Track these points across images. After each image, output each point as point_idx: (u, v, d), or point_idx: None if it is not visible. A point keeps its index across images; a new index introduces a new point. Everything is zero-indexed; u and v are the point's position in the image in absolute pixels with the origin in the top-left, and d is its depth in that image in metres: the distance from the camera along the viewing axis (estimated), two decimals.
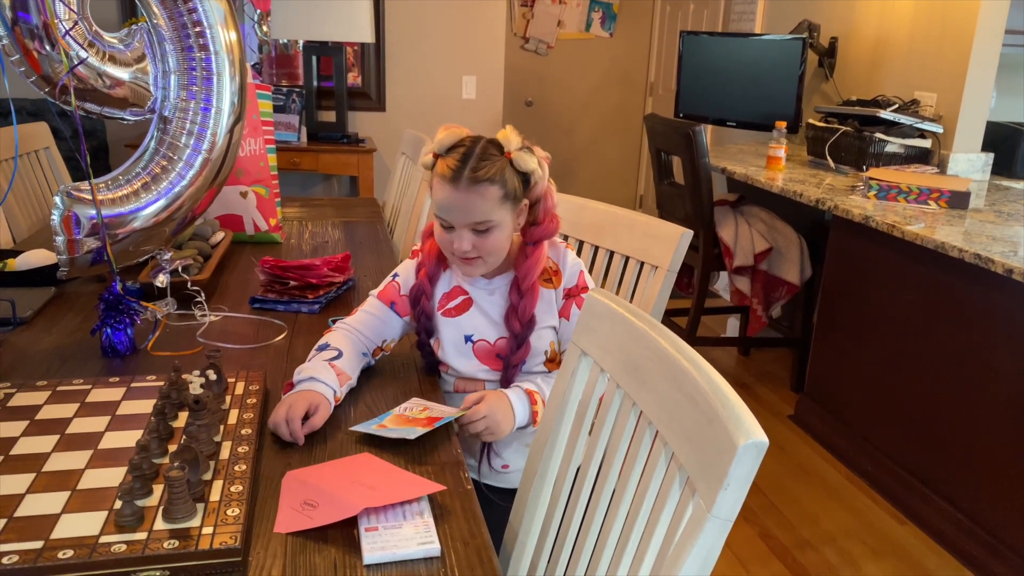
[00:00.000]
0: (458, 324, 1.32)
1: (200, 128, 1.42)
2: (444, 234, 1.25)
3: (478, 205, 1.20)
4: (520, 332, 1.27)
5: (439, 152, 1.24)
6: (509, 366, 1.29)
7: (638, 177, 5.61)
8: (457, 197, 1.20)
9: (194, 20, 1.42)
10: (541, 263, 1.27)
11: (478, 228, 1.22)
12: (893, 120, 2.87)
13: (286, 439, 1.08)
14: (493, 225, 1.22)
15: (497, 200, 1.21)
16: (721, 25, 4.42)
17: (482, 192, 1.19)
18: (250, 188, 2.04)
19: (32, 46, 1.33)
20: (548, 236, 1.29)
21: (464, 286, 1.33)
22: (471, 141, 1.23)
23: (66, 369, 1.29)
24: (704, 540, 0.71)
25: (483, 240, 1.22)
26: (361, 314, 1.34)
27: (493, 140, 1.23)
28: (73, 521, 0.85)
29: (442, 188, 1.21)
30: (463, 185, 1.19)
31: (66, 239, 1.34)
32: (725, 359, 3.64)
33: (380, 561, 0.85)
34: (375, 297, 1.36)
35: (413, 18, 4.15)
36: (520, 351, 1.28)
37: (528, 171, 1.22)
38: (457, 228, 1.22)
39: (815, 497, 2.52)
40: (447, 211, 1.22)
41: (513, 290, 1.28)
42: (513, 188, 1.22)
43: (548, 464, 1.07)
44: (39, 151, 2.50)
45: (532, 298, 1.26)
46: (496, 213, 1.21)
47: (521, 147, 1.23)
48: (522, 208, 1.26)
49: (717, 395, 0.75)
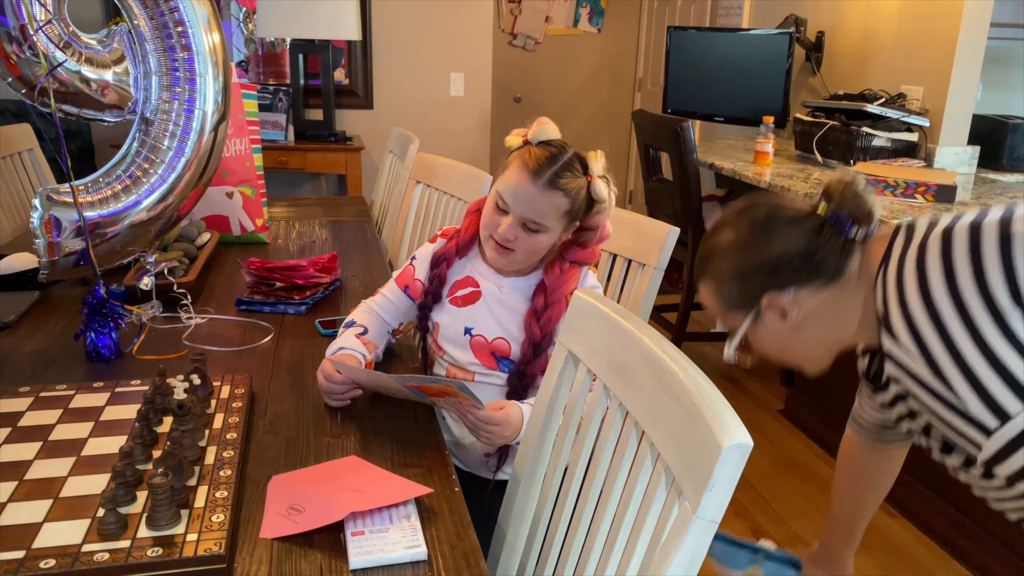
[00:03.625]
0: (461, 314, 1.33)
1: (183, 130, 1.41)
2: (495, 215, 1.27)
3: (544, 206, 1.23)
4: (540, 340, 1.26)
5: (531, 140, 1.26)
6: (526, 375, 1.27)
7: (627, 173, 5.61)
8: (529, 190, 1.22)
9: (176, 20, 1.41)
10: (574, 283, 1.28)
11: (529, 225, 1.24)
12: (880, 114, 2.87)
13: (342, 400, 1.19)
14: (544, 229, 1.25)
15: (562, 211, 1.24)
16: (708, 20, 4.42)
17: (553, 198, 1.22)
18: (236, 188, 2.03)
19: (10, 49, 1.31)
20: (588, 262, 1.31)
21: (478, 278, 1.34)
22: (562, 145, 1.26)
23: (50, 374, 1.28)
24: (690, 541, 0.71)
25: (527, 238, 1.25)
26: (379, 296, 1.41)
27: (581, 156, 1.26)
28: (55, 530, 0.85)
29: (519, 175, 1.23)
30: (541, 183, 1.22)
31: (46, 241, 1.33)
32: (715, 354, 3.64)
33: (367, 566, 0.84)
34: (393, 280, 1.42)
35: (400, 15, 4.13)
36: (538, 361, 1.26)
37: (599, 199, 1.26)
38: (511, 215, 1.24)
39: (806, 492, 2.53)
40: (513, 196, 1.24)
41: (539, 296, 1.28)
42: (579, 207, 1.26)
43: (536, 465, 1.06)
44: (22, 153, 2.48)
45: (559, 310, 1.26)
46: (553, 221, 1.24)
47: (603, 175, 1.26)
48: (573, 227, 1.29)
49: (702, 396, 0.75)
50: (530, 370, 1.27)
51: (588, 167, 1.25)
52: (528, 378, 1.28)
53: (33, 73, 1.35)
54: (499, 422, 1.15)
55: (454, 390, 1.09)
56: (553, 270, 1.28)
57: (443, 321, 1.34)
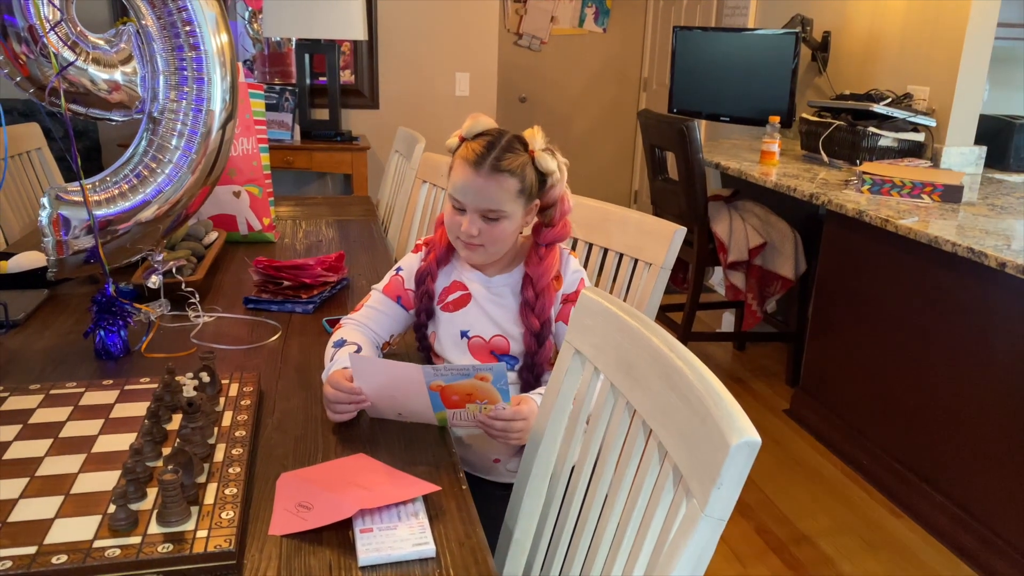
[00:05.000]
0: (454, 319, 1.33)
1: (191, 130, 1.42)
2: (455, 216, 1.27)
3: (494, 193, 1.23)
4: (540, 330, 1.28)
5: (466, 136, 1.27)
6: (535, 365, 1.29)
7: (632, 173, 5.61)
8: (476, 181, 1.23)
9: (184, 19, 1.41)
10: (556, 265, 1.30)
11: (488, 216, 1.24)
12: (886, 114, 2.87)
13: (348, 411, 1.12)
14: (503, 216, 1.25)
15: (513, 192, 1.24)
16: (714, 20, 4.41)
17: (500, 181, 1.23)
18: (243, 188, 2.04)
19: (19, 50, 1.32)
20: (561, 239, 1.31)
21: (465, 282, 1.34)
22: (498, 132, 1.26)
23: (59, 372, 1.29)
24: (698, 539, 0.71)
25: (490, 228, 1.25)
26: (367, 310, 1.36)
27: (519, 136, 1.27)
28: (67, 526, 0.85)
29: (463, 170, 1.24)
30: (484, 171, 1.22)
31: (54, 240, 1.34)
32: (720, 354, 3.64)
33: (375, 563, 0.84)
34: (380, 292, 1.37)
35: (406, 15, 4.14)
36: (543, 350, 1.29)
37: (547, 172, 1.26)
38: (468, 211, 1.25)
39: (811, 491, 2.53)
40: (463, 192, 1.25)
41: (527, 288, 1.29)
42: (530, 185, 1.25)
43: (543, 463, 1.07)
44: (31, 152, 2.49)
45: (549, 297, 1.28)
46: (509, 205, 1.24)
47: (545, 148, 1.26)
48: (533, 207, 1.29)
49: (710, 394, 0.75)
50: (537, 359, 1.29)
51: (528, 144, 1.26)
52: (537, 368, 1.29)
53: (43, 73, 1.36)
54: (526, 416, 1.12)
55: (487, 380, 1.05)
56: (532, 259, 1.30)
57: (438, 330, 1.34)
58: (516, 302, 1.31)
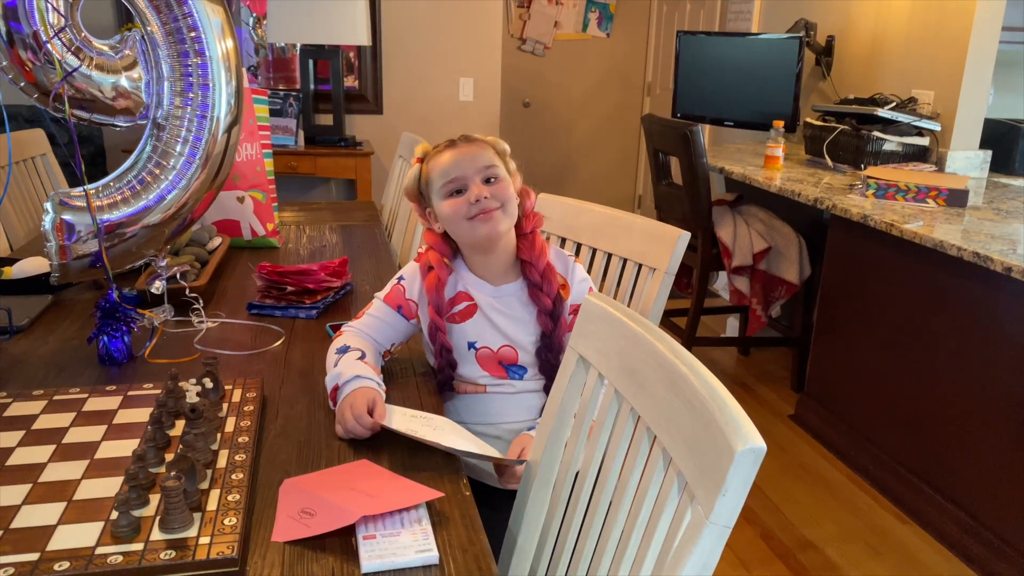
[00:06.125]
0: (462, 330, 1.32)
1: (196, 136, 1.42)
2: (456, 201, 1.27)
3: (482, 156, 1.28)
4: (552, 308, 1.29)
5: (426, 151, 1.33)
6: (553, 342, 1.30)
7: (636, 177, 5.60)
8: (460, 152, 1.29)
9: (190, 25, 1.41)
10: (546, 247, 1.33)
11: (489, 176, 1.28)
12: (891, 118, 2.86)
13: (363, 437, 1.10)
14: (499, 175, 1.29)
15: (496, 153, 1.31)
16: (718, 24, 4.42)
17: (480, 146, 1.30)
18: (247, 193, 2.04)
19: (25, 56, 1.32)
20: (538, 225, 1.35)
21: (471, 292, 1.33)
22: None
23: (63, 377, 1.29)
24: (703, 546, 0.70)
25: (497, 188, 1.28)
26: (368, 318, 1.34)
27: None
28: (69, 532, 0.85)
29: (443, 156, 1.29)
30: (462, 144, 1.30)
31: (57, 245, 1.34)
32: (725, 359, 3.63)
33: (378, 569, 0.84)
34: (381, 301, 1.36)
35: (409, 20, 4.15)
36: (558, 328, 1.30)
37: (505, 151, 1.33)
38: (469, 183, 1.27)
39: (816, 497, 2.52)
40: (456, 167, 1.28)
41: (531, 272, 1.30)
42: (502, 150, 1.32)
43: (547, 470, 1.06)
44: (35, 158, 2.49)
45: (551, 273, 1.31)
46: (499, 164, 1.30)
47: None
48: (515, 172, 1.33)
49: (715, 400, 0.75)
50: (556, 335, 1.30)
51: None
52: (556, 344, 1.30)
53: (48, 79, 1.36)
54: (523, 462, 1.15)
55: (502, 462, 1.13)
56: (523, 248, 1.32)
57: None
58: (523, 311, 1.31)
